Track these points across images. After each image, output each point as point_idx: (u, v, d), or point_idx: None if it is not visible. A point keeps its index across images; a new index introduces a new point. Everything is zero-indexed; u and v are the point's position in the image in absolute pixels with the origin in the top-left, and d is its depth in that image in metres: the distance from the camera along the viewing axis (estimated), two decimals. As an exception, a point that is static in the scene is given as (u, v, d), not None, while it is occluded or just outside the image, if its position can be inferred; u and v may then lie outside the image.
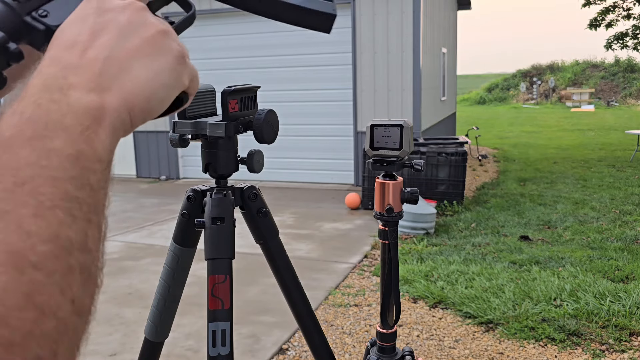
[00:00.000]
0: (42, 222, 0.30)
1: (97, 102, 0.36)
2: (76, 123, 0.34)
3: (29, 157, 0.31)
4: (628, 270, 4.01)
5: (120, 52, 0.39)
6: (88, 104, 0.35)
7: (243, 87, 0.98)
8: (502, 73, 41.81)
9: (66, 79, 0.36)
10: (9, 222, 0.29)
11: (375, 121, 1.20)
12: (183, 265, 1.11)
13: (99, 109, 0.36)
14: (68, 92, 0.35)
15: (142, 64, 0.40)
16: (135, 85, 0.39)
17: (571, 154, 11.22)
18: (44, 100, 0.34)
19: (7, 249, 0.28)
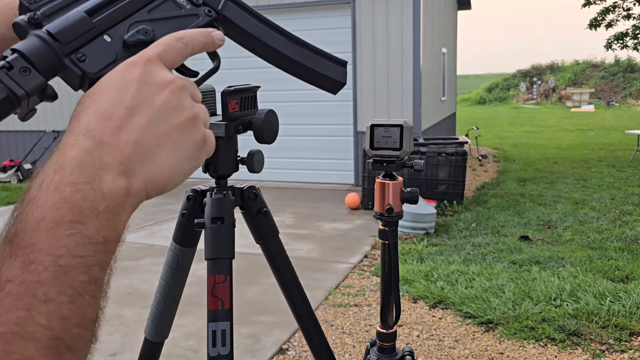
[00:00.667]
0: (76, 308, 0.36)
1: (124, 188, 0.40)
2: (106, 210, 0.38)
3: (69, 246, 0.36)
4: (628, 270, 4.01)
5: (150, 137, 0.42)
6: (118, 190, 0.39)
7: (243, 87, 0.98)
8: (502, 73, 41.81)
9: (101, 158, 0.39)
10: (52, 309, 0.34)
11: (375, 121, 1.20)
12: (183, 265, 1.11)
13: (126, 194, 0.40)
14: (102, 175, 0.39)
15: (168, 152, 0.43)
16: (159, 173, 0.43)
17: (571, 154, 11.22)
18: (80, 180, 0.38)
19: (51, 335, 0.34)
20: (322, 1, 7.75)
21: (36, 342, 0.33)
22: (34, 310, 0.33)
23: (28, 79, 0.43)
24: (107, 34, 0.48)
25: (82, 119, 0.40)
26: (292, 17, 8.04)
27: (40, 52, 0.44)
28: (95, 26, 0.47)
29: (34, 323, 0.33)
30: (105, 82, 0.43)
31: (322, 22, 7.89)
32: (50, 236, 0.35)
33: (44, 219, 0.36)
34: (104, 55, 0.47)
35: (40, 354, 0.33)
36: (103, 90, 0.42)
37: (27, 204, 0.37)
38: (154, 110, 0.42)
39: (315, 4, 7.82)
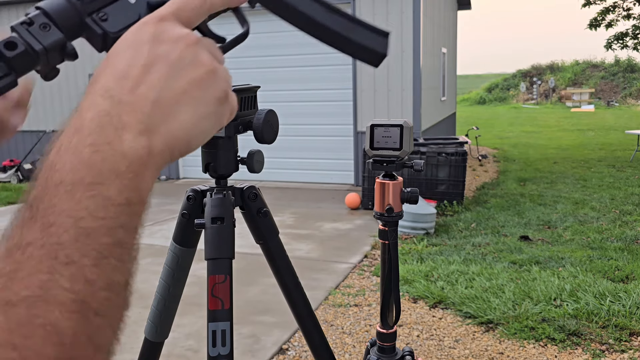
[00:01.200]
0: (101, 271, 0.34)
1: (146, 147, 0.38)
2: (127, 170, 0.37)
3: (90, 207, 0.35)
4: (628, 270, 4.01)
5: (169, 94, 0.41)
6: (139, 149, 0.38)
7: (243, 87, 0.98)
8: (502, 73, 41.81)
9: (120, 117, 0.38)
10: (75, 272, 0.33)
11: (375, 121, 1.20)
12: (183, 265, 1.11)
13: (148, 154, 0.39)
14: (122, 134, 0.37)
15: (188, 108, 0.41)
16: (180, 131, 0.41)
17: (571, 154, 11.22)
18: (100, 141, 0.36)
19: (75, 298, 0.33)
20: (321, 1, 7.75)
21: (60, 305, 0.32)
22: (56, 273, 0.32)
23: (47, 34, 0.42)
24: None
25: (98, 81, 0.40)
26: (292, 17, 8.03)
27: (61, 9, 0.44)
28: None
29: (57, 286, 0.32)
30: (119, 45, 0.42)
31: (322, 22, 7.88)
32: (70, 198, 0.34)
33: (63, 182, 0.35)
34: (126, 16, 0.46)
35: (64, 317, 0.32)
36: (118, 52, 0.41)
37: (45, 169, 0.36)
38: (170, 66, 0.41)
39: (315, 4, 7.81)
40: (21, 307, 0.31)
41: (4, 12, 9.78)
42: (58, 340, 0.31)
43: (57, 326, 0.31)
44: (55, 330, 0.31)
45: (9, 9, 9.72)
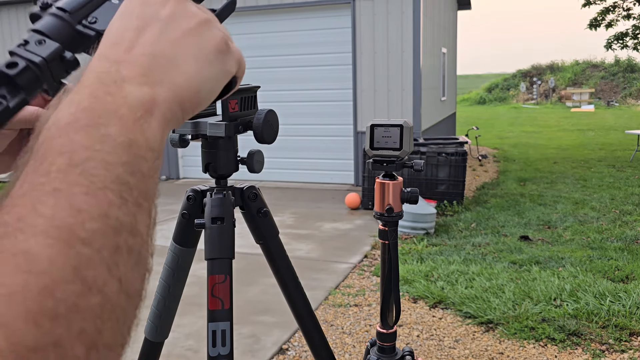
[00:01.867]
0: (93, 200, 0.31)
1: (150, 95, 0.37)
2: (130, 113, 0.35)
3: (83, 141, 0.32)
4: (628, 270, 4.01)
5: (165, 46, 0.40)
6: (142, 96, 0.37)
7: (243, 87, 0.98)
8: (502, 73, 41.82)
9: (119, 72, 0.37)
10: (60, 200, 0.30)
11: (375, 121, 1.20)
12: (183, 265, 1.11)
13: (152, 101, 0.37)
14: (122, 85, 0.36)
15: (188, 57, 0.41)
16: (185, 79, 0.40)
17: (571, 154, 11.22)
18: (99, 92, 0.35)
19: (56, 224, 0.29)
20: (322, 1, 7.75)
21: (37, 234, 0.28)
22: (38, 203, 0.30)
23: (44, 47, 0.43)
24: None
25: (106, 37, 0.40)
26: (293, 17, 8.04)
27: (52, 24, 0.45)
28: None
29: (37, 215, 0.29)
30: (111, 21, 0.43)
31: (322, 22, 7.89)
32: (62, 136, 0.32)
33: (56, 124, 0.33)
34: (114, 14, 0.47)
35: (41, 243, 0.28)
36: (109, 27, 0.42)
37: (44, 127, 0.34)
38: (162, 22, 0.41)
39: (315, 4, 7.82)
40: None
41: (4, 12, 9.78)
42: (27, 268, 0.27)
43: (29, 253, 0.28)
44: (25, 257, 0.27)
45: (8, 9, 9.72)
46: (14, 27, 9.67)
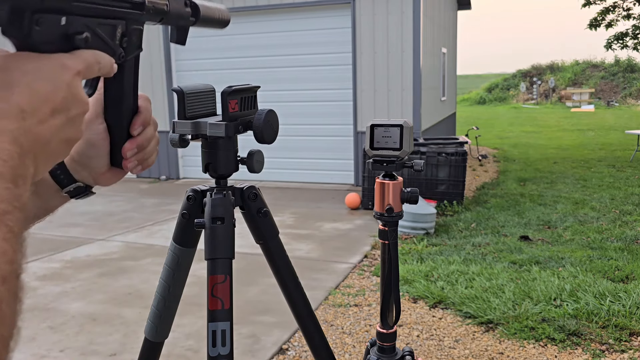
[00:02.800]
0: (8, 245, 0.39)
1: (32, 172, 0.46)
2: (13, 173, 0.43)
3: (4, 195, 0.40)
4: (628, 270, 4.01)
5: (55, 141, 0.49)
6: (30, 172, 0.45)
7: (243, 87, 0.98)
8: (502, 73, 41.80)
9: (22, 145, 0.45)
10: None
11: (375, 121, 1.20)
12: (183, 266, 1.11)
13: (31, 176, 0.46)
14: (24, 159, 0.45)
15: (54, 159, 0.50)
16: (43, 172, 0.50)
17: (571, 154, 11.22)
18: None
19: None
20: (322, 1, 7.75)
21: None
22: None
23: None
24: (67, 17, 0.52)
25: (14, 95, 0.44)
26: (293, 17, 8.04)
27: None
28: (71, 6, 0.52)
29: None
30: (39, 70, 0.47)
31: (322, 22, 7.89)
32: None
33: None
34: (50, 34, 0.51)
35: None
36: (37, 77, 0.46)
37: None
38: (68, 119, 0.49)
39: (315, 4, 7.82)
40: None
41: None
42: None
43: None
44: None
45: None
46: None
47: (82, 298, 3.80)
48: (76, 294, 3.87)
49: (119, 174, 0.69)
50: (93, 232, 5.66)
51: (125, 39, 0.65)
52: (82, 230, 5.71)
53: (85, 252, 4.94)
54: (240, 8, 8.09)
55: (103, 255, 4.82)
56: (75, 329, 3.30)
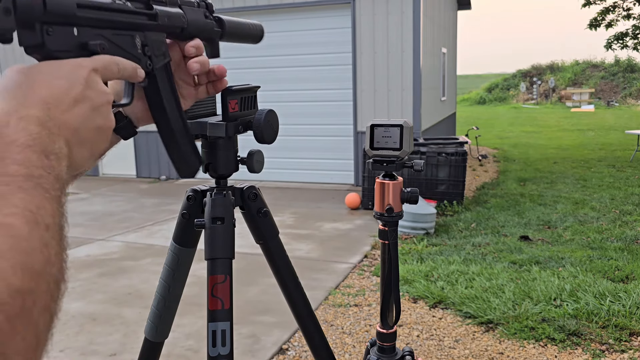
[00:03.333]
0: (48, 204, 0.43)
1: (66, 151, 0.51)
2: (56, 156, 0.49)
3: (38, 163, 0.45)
4: (628, 270, 4.01)
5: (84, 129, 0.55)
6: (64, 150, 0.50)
7: (243, 87, 0.98)
8: (502, 73, 41.79)
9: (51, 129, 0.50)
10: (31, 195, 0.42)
11: (375, 121, 1.20)
12: (183, 266, 1.11)
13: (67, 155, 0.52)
14: (55, 139, 0.49)
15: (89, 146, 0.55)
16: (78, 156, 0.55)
17: (571, 154, 11.22)
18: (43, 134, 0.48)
19: (27, 213, 0.41)
20: (322, 1, 7.75)
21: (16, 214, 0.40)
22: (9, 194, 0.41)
23: (6, 20, 0.49)
24: (78, 28, 0.58)
25: (37, 91, 0.50)
26: (293, 17, 8.04)
27: (26, 5, 0.51)
28: (76, 18, 0.57)
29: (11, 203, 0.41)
30: (56, 71, 0.53)
31: (322, 22, 7.89)
32: (21, 153, 0.44)
33: (15, 142, 0.44)
34: (65, 43, 0.56)
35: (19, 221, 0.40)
36: (55, 76, 0.52)
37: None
38: (92, 108, 0.54)
39: (315, 4, 7.82)
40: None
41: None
42: (12, 234, 0.39)
43: (12, 225, 0.39)
44: (9, 228, 0.39)
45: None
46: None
47: (82, 298, 3.80)
48: (76, 294, 3.87)
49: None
50: (93, 232, 5.66)
51: (146, 48, 0.70)
52: (82, 230, 5.71)
53: (85, 252, 4.94)
54: (240, 8, 8.09)
55: (103, 255, 4.82)
56: (75, 329, 3.30)
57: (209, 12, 0.83)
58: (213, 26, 0.83)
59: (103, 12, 0.61)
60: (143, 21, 0.68)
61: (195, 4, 0.81)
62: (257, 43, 1.01)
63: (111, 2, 0.63)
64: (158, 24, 0.71)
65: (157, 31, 0.72)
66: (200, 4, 0.82)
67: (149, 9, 0.70)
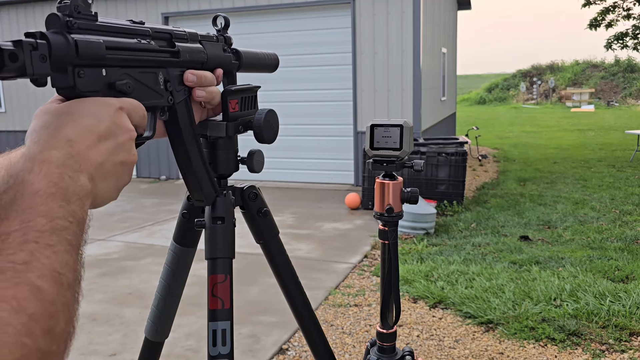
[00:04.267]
0: (70, 258, 0.46)
1: (90, 188, 0.53)
2: (83, 197, 0.51)
3: (60, 213, 0.47)
4: (628, 270, 4.01)
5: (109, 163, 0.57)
6: (87, 188, 0.52)
7: (243, 87, 0.98)
8: (502, 73, 41.80)
9: (78, 163, 0.52)
10: (52, 254, 0.44)
11: (375, 121, 1.20)
12: (183, 265, 1.11)
13: (91, 193, 0.53)
14: (79, 175, 0.52)
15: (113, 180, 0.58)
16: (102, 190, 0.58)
17: (571, 154, 11.22)
18: (65, 174, 0.50)
19: (53, 271, 0.43)
20: (322, 1, 7.75)
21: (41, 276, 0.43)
22: (37, 252, 0.43)
23: (42, 66, 0.52)
24: (107, 69, 0.61)
25: (62, 130, 0.52)
26: (293, 17, 8.04)
27: (60, 52, 0.54)
28: (105, 60, 0.60)
29: (39, 262, 0.43)
30: (83, 109, 0.55)
31: (322, 22, 7.89)
32: (45, 204, 0.46)
33: (38, 193, 0.47)
34: (94, 83, 0.59)
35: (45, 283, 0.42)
36: (82, 114, 0.55)
37: (17, 183, 0.47)
38: (117, 144, 0.56)
39: (315, 4, 7.82)
40: (7, 273, 0.41)
41: (4, 12, 9.77)
42: (42, 297, 0.41)
43: (41, 289, 0.41)
44: (38, 290, 0.41)
45: (8, 9, 9.71)
46: (14, 27, 9.67)
47: (82, 298, 3.80)
48: (76, 294, 3.87)
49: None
50: (93, 232, 5.65)
51: (169, 84, 0.73)
52: (82, 230, 5.71)
53: (85, 252, 4.94)
54: (240, 8, 8.09)
55: (103, 255, 4.83)
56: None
57: (227, 46, 0.87)
58: (231, 59, 0.88)
59: (130, 52, 0.63)
60: (166, 58, 0.71)
61: (214, 38, 0.85)
62: (272, 72, 1.05)
63: (137, 42, 0.65)
64: (180, 60, 0.73)
65: (179, 67, 0.74)
66: (219, 38, 0.86)
67: (172, 46, 0.73)
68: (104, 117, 0.56)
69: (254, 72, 1.03)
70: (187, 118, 0.77)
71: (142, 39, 0.67)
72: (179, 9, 8.46)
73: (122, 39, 0.63)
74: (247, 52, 0.94)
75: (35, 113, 0.56)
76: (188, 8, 8.40)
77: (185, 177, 0.84)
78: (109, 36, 0.61)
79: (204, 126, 0.98)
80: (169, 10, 8.53)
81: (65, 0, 0.57)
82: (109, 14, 8.79)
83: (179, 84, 0.75)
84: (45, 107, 0.56)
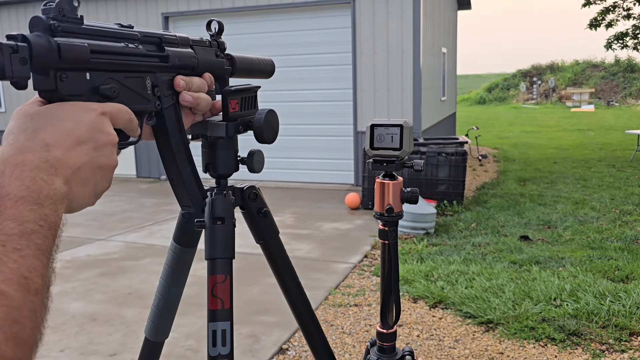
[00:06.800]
0: (39, 261, 0.45)
1: (66, 192, 0.52)
2: (56, 200, 0.50)
3: (30, 217, 0.46)
4: (628, 270, 4.01)
5: (87, 167, 0.56)
6: (62, 192, 0.51)
7: (243, 87, 0.98)
8: (502, 73, 41.80)
9: (54, 167, 0.52)
10: (20, 258, 0.44)
11: (375, 121, 1.20)
12: (183, 265, 1.11)
13: (66, 196, 0.52)
14: (54, 178, 0.51)
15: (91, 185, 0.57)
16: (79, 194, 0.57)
17: (571, 154, 11.22)
18: (39, 177, 0.49)
19: (20, 277, 0.43)
20: (322, 1, 7.75)
21: (8, 280, 0.42)
22: (4, 256, 0.43)
23: (23, 69, 0.51)
24: (91, 73, 0.59)
25: (40, 134, 0.52)
26: (293, 17, 8.04)
27: (42, 55, 0.53)
28: (89, 64, 0.58)
29: (6, 267, 0.42)
30: (64, 113, 0.55)
31: (322, 22, 7.89)
32: (15, 208, 0.46)
33: (8, 195, 0.46)
34: (77, 87, 0.58)
35: (12, 288, 0.42)
36: (62, 119, 0.54)
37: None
38: (96, 148, 0.56)
39: (315, 4, 7.82)
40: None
41: (4, 12, 9.77)
42: (6, 303, 0.41)
43: (5, 293, 0.41)
44: (2, 295, 0.40)
45: (8, 9, 9.71)
46: (14, 27, 9.67)
47: (82, 298, 3.80)
48: (76, 294, 3.87)
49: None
50: (93, 232, 5.66)
51: (156, 88, 0.71)
52: (82, 230, 5.71)
53: (85, 252, 4.95)
54: (240, 8, 8.09)
55: (103, 255, 4.83)
56: (75, 329, 3.30)
57: (220, 51, 0.86)
58: (223, 64, 0.86)
59: (116, 57, 0.62)
60: (154, 63, 0.70)
61: (207, 42, 0.83)
62: (268, 78, 1.03)
63: (124, 46, 0.64)
64: (169, 65, 0.72)
65: (168, 72, 0.73)
66: (212, 43, 0.84)
67: (161, 50, 0.71)
68: (84, 121, 0.55)
69: (248, 77, 1.01)
70: (175, 123, 0.76)
71: (130, 43, 0.66)
72: (179, 9, 8.46)
73: (108, 43, 0.62)
74: (241, 58, 0.93)
75: (14, 113, 0.55)
76: (188, 8, 8.40)
77: (172, 182, 0.82)
78: (94, 40, 0.60)
79: (204, 126, 0.98)
80: (169, 10, 8.53)
81: (50, 3, 0.56)
82: (109, 14, 8.79)
83: (167, 88, 0.73)
84: (24, 108, 0.55)
